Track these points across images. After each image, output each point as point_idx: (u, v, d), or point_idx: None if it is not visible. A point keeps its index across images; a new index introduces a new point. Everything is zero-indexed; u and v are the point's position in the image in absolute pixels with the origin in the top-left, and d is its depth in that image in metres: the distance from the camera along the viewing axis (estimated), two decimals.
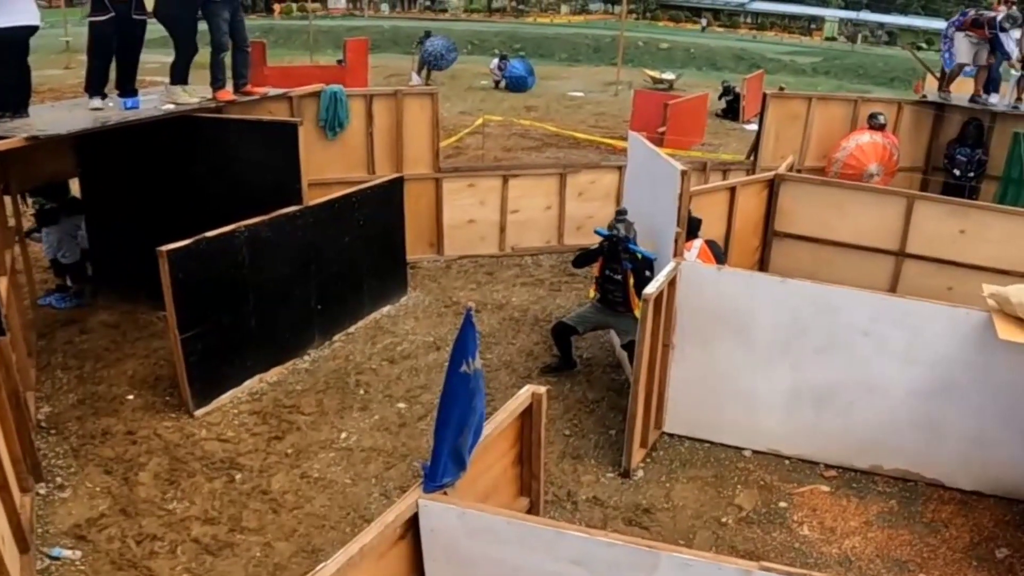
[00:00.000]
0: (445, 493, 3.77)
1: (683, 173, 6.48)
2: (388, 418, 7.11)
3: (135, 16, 7.61)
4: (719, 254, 7.59)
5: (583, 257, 7.75)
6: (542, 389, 4.58)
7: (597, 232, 7.57)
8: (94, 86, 7.71)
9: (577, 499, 6.24)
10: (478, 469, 4.22)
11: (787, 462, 6.81)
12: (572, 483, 6.42)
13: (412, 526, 3.79)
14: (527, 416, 4.62)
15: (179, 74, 8.04)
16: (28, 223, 8.92)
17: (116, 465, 6.29)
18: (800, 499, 6.38)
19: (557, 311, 9.19)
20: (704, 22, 60.83)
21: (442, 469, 3.70)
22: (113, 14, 7.41)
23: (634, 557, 3.50)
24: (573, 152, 16.02)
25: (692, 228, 7.15)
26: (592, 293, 7.89)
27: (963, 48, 11.71)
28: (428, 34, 25.71)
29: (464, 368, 3.49)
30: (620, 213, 7.44)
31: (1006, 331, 5.81)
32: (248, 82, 8.69)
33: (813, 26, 62.51)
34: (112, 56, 7.71)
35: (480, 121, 15.55)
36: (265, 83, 10.38)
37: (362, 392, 7.53)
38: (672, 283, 6.50)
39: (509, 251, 10.79)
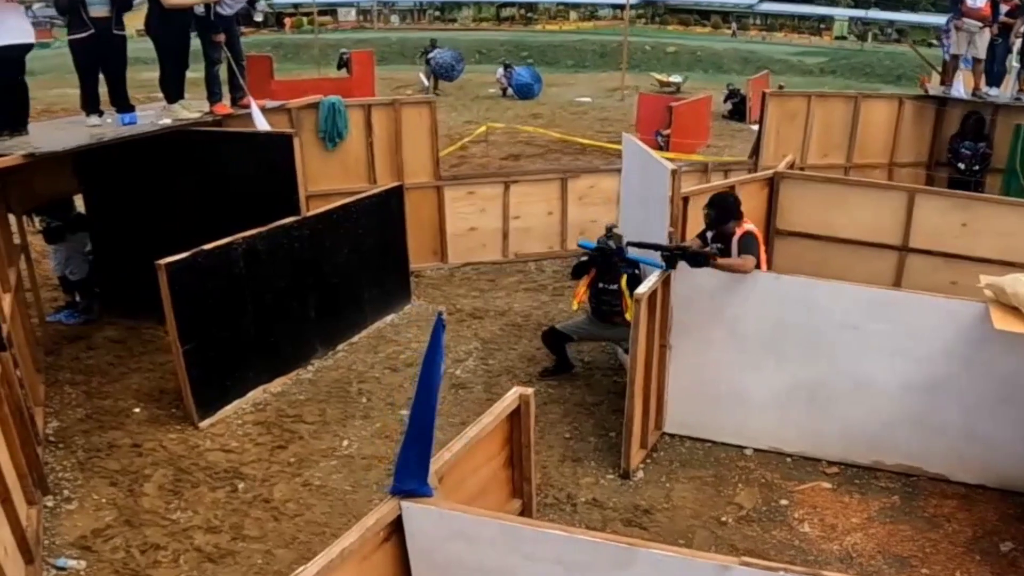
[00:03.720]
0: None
1: (673, 172, 6.51)
2: (389, 426, 7.16)
3: (116, 32, 7.65)
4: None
5: (578, 268, 7.73)
6: (529, 390, 4.60)
7: (581, 245, 7.55)
8: (89, 104, 7.82)
9: (576, 501, 6.26)
10: (464, 471, 4.26)
11: (788, 460, 6.80)
12: (572, 486, 6.45)
13: (398, 529, 3.82)
14: (515, 418, 4.64)
15: (174, 91, 8.12)
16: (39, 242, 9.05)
17: (121, 477, 6.38)
18: (801, 496, 6.37)
19: (559, 316, 9.22)
20: (735, 26, 60.76)
21: (411, 472, 3.74)
22: (93, 31, 7.46)
23: (611, 554, 3.51)
24: (578, 158, 16.07)
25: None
26: (575, 305, 7.84)
27: (957, 39, 11.70)
28: (434, 43, 25.88)
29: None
30: (609, 229, 7.48)
31: (1002, 321, 5.78)
32: (245, 95, 8.79)
33: (823, 26, 62.28)
34: (98, 73, 7.78)
35: (483, 129, 15.61)
36: (272, 97, 10.49)
37: (364, 400, 7.59)
38: (666, 283, 6.52)
39: (512, 257, 10.85)
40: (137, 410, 7.29)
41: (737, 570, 3.40)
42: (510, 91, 25.15)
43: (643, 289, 6.18)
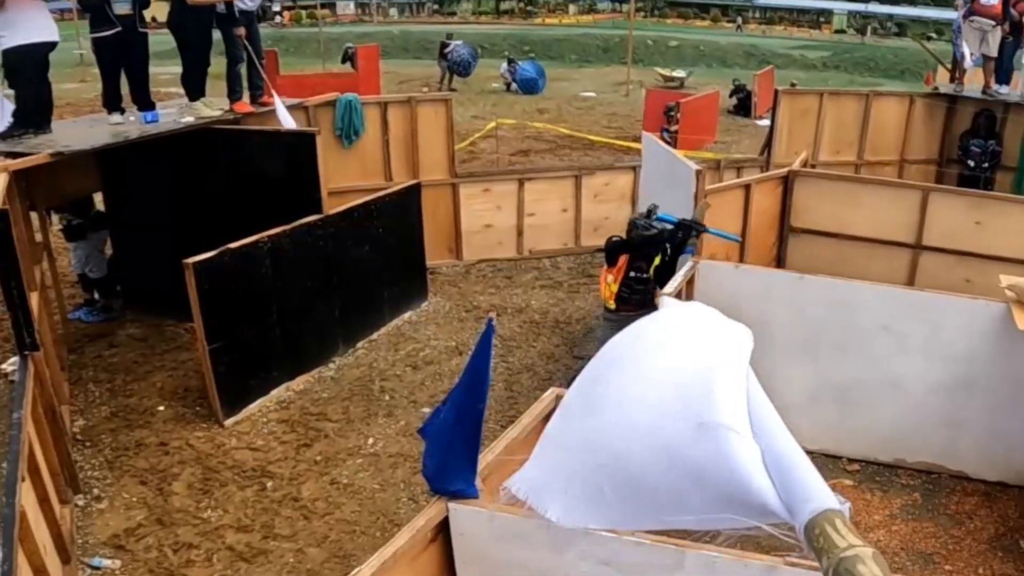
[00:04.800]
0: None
1: (698, 173, 6.56)
2: (413, 424, 7.19)
3: (139, 30, 7.63)
4: None
5: (612, 251, 7.45)
6: (566, 391, 4.64)
7: (662, 219, 6.93)
8: (111, 101, 7.83)
9: None
10: (505, 472, 4.29)
11: (810, 457, 6.83)
12: None
13: (443, 529, 3.86)
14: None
15: (196, 89, 8.13)
16: (55, 239, 9.04)
17: (150, 476, 6.42)
18: None
19: (576, 313, 9.27)
20: (739, 20, 60.76)
21: (458, 473, 3.78)
22: (119, 28, 7.44)
23: (661, 556, 3.55)
24: (588, 154, 16.10)
25: None
26: (611, 304, 7.15)
27: (969, 37, 11.70)
28: (450, 36, 25.83)
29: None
30: (650, 211, 7.29)
31: None
32: (264, 93, 8.81)
33: (822, 20, 62.37)
34: (120, 71, 7.78)
35: (492, 125, 15.63)
36: (279, 93, 10.49)
37: (387, 398, 7.63)
38: (690, 282, 6.56)
39: (527, 254, 10.89)
40: (162, 408, 7.32)
41: (783, 571, 3.45)
42: (514, 86, 25.15)
43: (669, 289, 6.22)
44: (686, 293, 6.54)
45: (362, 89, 17.00)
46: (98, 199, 9.02)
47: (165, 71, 13.13)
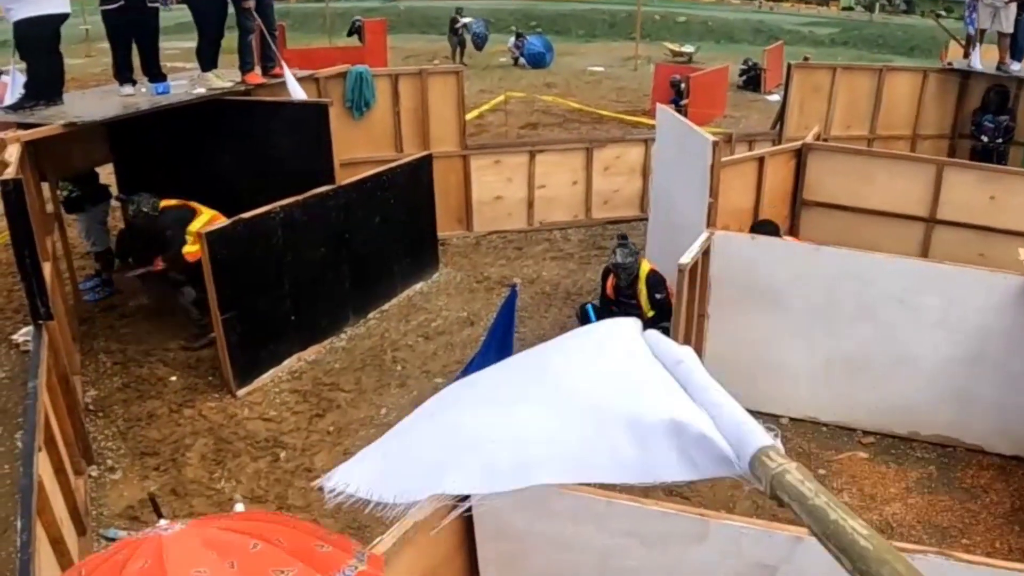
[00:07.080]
0: None
1: (715, 144, 6.50)
2: (426, 394, 7.06)
3: (149, 4, 7.58)
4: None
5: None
6: None
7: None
8: (121, 73, 7.77)
9: None
10: None
11: (824, 429, 6.83)
12: None
13: (463, 499, 3.83)
14: None
15: (208, 60, 8.08)
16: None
17: (163, 447, 6.41)
18: (839, 466, 6.41)
19: (588, 284, 9.23)
20: None
21: None
22: (123, 1, 7.36)
23: (685, 526, 3.52)
24: (596, 127, 15.98)
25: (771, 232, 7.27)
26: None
27: (982, 14, 11.58)
28: (459, 11, 25.65)
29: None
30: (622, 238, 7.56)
31: None
32: (276, 65, 8.74)
33: None
34: (131, 42, 7.71)
35: (502, 98, 15.53)
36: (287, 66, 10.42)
37: (399, 369, 7.61)
38: (706, 253, 6.51)
39: (537, 226, 10.84)
40: (174, 379, 7.31)
41: (809, 540, 3.42)
42: (521, 60, 24.97)
43: (686, 260, 6.18)
44: (702, 264, 6.50)
45: (369, 63, 16.84)
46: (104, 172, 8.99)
47: (172, 46, 13.06)
